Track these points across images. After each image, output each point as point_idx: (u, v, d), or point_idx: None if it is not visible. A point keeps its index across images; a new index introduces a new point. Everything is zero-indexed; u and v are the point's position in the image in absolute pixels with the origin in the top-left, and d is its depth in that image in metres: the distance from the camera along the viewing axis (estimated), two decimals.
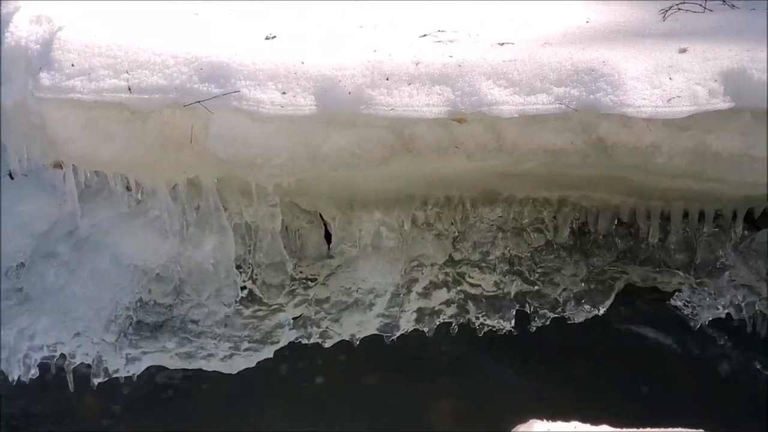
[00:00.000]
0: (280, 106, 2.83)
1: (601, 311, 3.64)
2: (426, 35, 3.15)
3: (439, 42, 3.07)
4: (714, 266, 3.58)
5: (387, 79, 2.84)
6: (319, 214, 3.63)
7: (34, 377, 3.51)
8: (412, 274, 3.64)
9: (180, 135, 3.02)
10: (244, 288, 3.57)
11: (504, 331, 3.63)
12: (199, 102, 2.86)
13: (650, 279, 3.66)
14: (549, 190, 3.55)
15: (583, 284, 3.65)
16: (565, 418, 2.24)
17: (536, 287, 3.65)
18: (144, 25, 3.15)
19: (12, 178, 3.75)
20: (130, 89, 2.90)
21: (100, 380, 3.53)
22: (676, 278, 3.63)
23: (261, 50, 2.94)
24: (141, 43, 2.97)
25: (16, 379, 3.50)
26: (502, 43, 3.04)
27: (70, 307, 3.53)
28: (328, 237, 3.66)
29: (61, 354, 3.52)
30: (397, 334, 3.63)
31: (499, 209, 3.61)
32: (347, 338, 3.63)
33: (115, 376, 3.55)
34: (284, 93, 2.83)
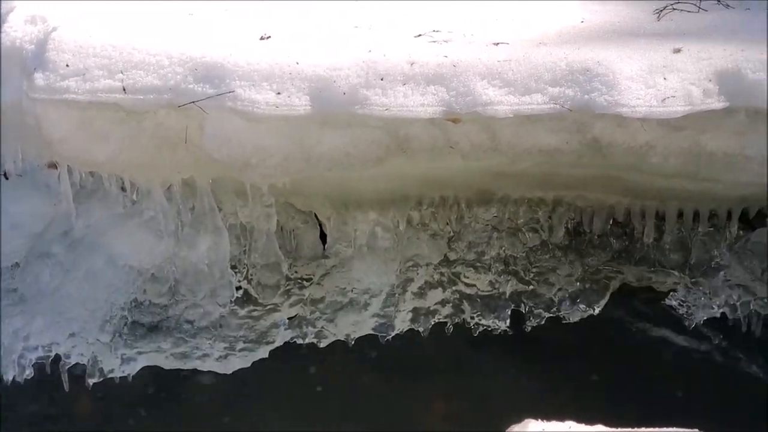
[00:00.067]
0: (274, 107, 2.83)
1: (596, 311, 3.64)
2: (421, 35, 3.15)
3: (433, 42, 3.08)
4: (709, 266, 3.58)
5: (382, 80, 2.84)
6: (314, 214, 3.62)
7: (29, 377, 3.51)
8: (408, 274, 3.64)
9: (175, 135, 3.01)
10: (239, 288, 3.57)
11: (499, 330, 3.63)
12: (193, 102, 2.86)
13: (645, 279, 3.67)
14: (544, 190, 3.55)
15: (578, 284, 3.65)
16: (560, 417, 2.24)
17: (531, 287, 3.65)
18: (139, 26, 3.15)
19: (7, 179, 3.75)
20: (124, 90, 2.90)
21: (95, 380, 3.53)
22: (671, 278, 3.63)
23: (256, 50, 2.94)
24: (136, 43, 2.97)
25: (11, 379, 3.49)
26: (497, 43, 3.04)
27: (65, 308, 3.53)
28: (323, 237, 3.66)
29: (56, 354, 3.51)
30: (393, 334, 3.63)
31: (494, 209, 3.61)
32: (342, 338, 3.63)
33: (110, 376, 3.55)
34: (279, 93, 2.83)
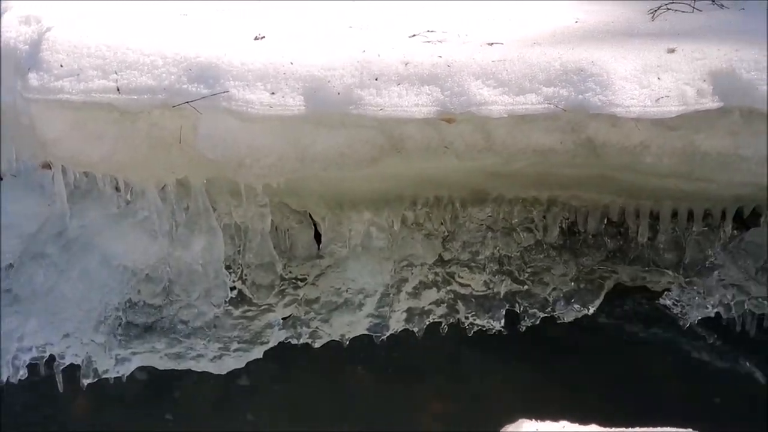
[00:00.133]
0: (269, 107, 2.82)
1: (591, 310, 3.64)
2: (415, 35, 3.14)
3: (428, 42, 3.07)
4: (703, 265, 3.58)
5: (376, 80, 2.84)
6: (309, 214, 3.63)
7: (23, 378, 3.51)
8: (402, 274, 3.64)
9: (169, 135, 3.01)
10: (233, 288, 3.57)
11: (494, 330, 3.63)
12: (188, 102, 2.85)
13: (639, 278, 3.67)
14: (538, 190, 3.55)
15: (572, 284, 3.66)
16: (554, 417, 2.24)
17: (526, 287, 3.66)
18: (133, 26, 3.15)
19: (1, 179, 3.75)
20: (118, 90, 2.90)
21: (89, 381, 3.52)
22: (666, 277, 3.64)
23: (250, 50, 2.94)
24: (130, 43, 2.97)
25: (5, 380, 3.49)
26: (491, 43, 3.04)
27: (60, 308, 3.52)
28: (317, 237, 3.66)
29: (51, 355, 3.51)
30: (387, 334, 3.63)
31: (488, 209, 3.61)
32: (337, 338, 3.63)
33: (104, 376, 3.55)
34: (273, 93, 2.83)
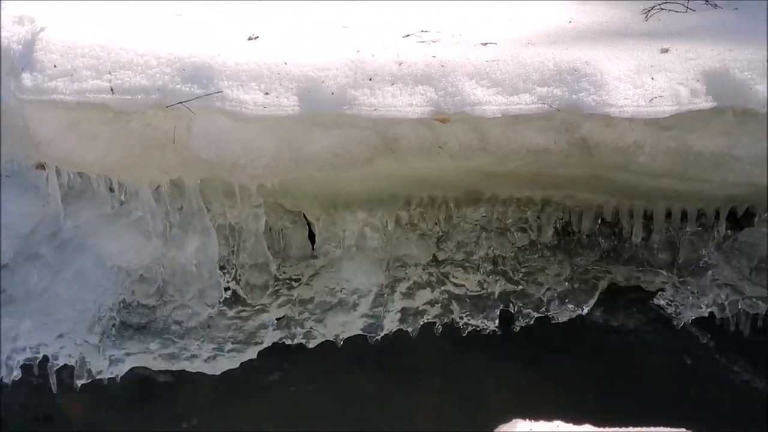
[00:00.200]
0: (263, 107, 2.82)
1: (585, 311, 3.65)
2: (409, 35, 3.15)
3: (422, 42, 3.08)
4: (697, 265, 3.59)
5: (370, 80, 2.84)
6: (303, 214, 3.63)
7: (16, 379, 3.50)
8: (396, 274, 3.65)
9: (163, 136, 3.01)
10: (227, 289, 3.57)
11: (488, 331, 3.63)
12: (181, 103, 2.85)
13: (633, 278, 3.68)
14: (532, 190, 3.55)
15: (566, 284, 3.66)
16: (548, 417, 2.25)
17: (520, 287, 3.66)
18: (127, 26, 3.14)
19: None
20: (112, 90, 2.89)
21: (83, 381, 3.52)
22: (660, 277, 3.64)
23: (244, 51, 2.93)
24: (124, 43, 2.97)
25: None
26: (485, 43, 3.04)
27: (54, 309, 3.52)
28: (312, 237, 3.66)
29: (44, 356, 3.51)
30: (381, 335, 3.63)
31: (482, 209, 3.61)
32: (331, 339, 3.63)
33: (98, 377, 3.54)
34: (267, 93, 2.83)
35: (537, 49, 2.95)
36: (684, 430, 2.21)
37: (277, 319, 3.64)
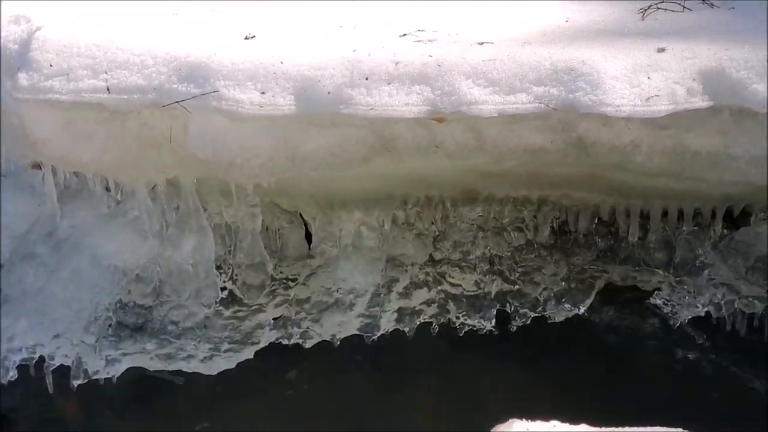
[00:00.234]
0: (259, 106, 2.82)
1: (582, 310, 3.65)
2: (406, 35, 3.14)
3: (418, 41, 3.07)
4: (693, 265, 3.59)
5: (366, 79, 2.83)
6: (300, 214, 3.63)
7: (12, 379, 3.50)
8: (393, 274, 3.65)
9: (159, 135, 3.01)
10: (224, 289, 3.57)
11: (484, 330, 3.63)
12: (178, 102, 2.85)
13: (630, 278, 3.68)
14: (529, 190, 3.56)
15: (563, 283, 3.66)
16: (545, 417, 2.24)
17: (517, 286, 3.66)
18: (123, 25, 3.14)
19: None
20: (108, 89, 2.89)
21: (79, 382, 3.51)
22: (656, 277, 3.64)
23: (240, 50, 2.93)
24: (120, 43, 2.96)
25: None
26: (482, 43, 3.04)
27: (50, 309, 3.52)
28: (308, 237, 3.66)
29: (41, 356, 3.50)
30: (378, 334, 3.63)
31: (479, 208, 3.62)
32: (328, 339, 3.63)
33: (95, 377, 3.54)
34: (263, 93, 2.83)
35: (534, 48, 2.95)
36: (681, 429, 2.21)
37: (273, 319, 3.64)
